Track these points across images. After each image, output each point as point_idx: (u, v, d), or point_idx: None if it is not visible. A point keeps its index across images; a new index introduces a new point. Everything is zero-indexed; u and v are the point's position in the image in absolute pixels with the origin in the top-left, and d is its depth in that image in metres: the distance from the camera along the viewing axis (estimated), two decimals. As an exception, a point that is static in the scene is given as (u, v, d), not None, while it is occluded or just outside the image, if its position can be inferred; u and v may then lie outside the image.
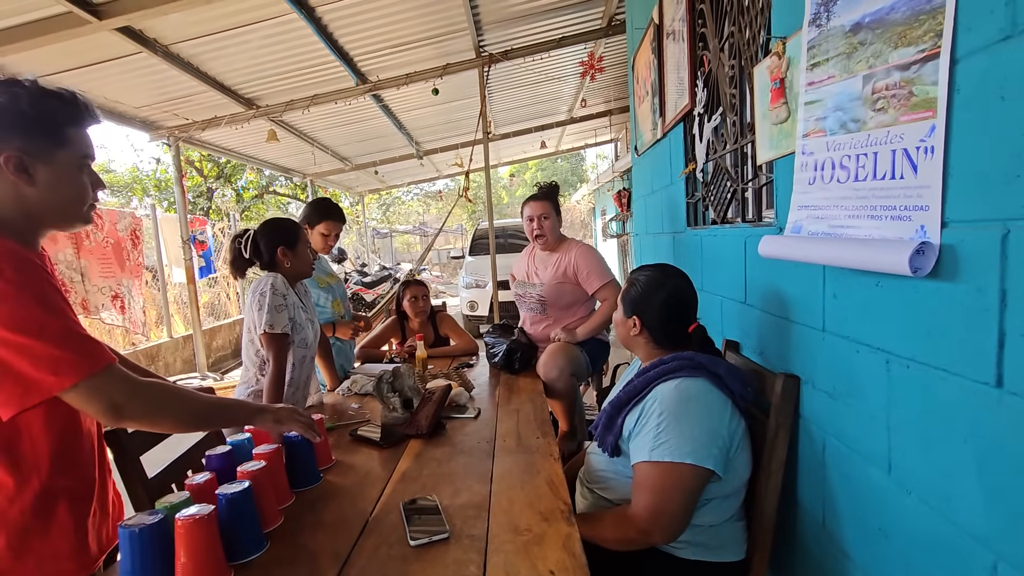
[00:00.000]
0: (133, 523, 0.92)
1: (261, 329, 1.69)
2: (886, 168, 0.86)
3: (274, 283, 1.73)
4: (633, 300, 1.34)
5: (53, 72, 3.51)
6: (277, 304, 1.70)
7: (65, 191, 0.97)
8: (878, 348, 0.93)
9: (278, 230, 1.82)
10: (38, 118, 0.92)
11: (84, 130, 0.99)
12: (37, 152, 0.92)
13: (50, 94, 0.94)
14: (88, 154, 0.99)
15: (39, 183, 0.93)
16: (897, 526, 0.91)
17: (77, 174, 0.98)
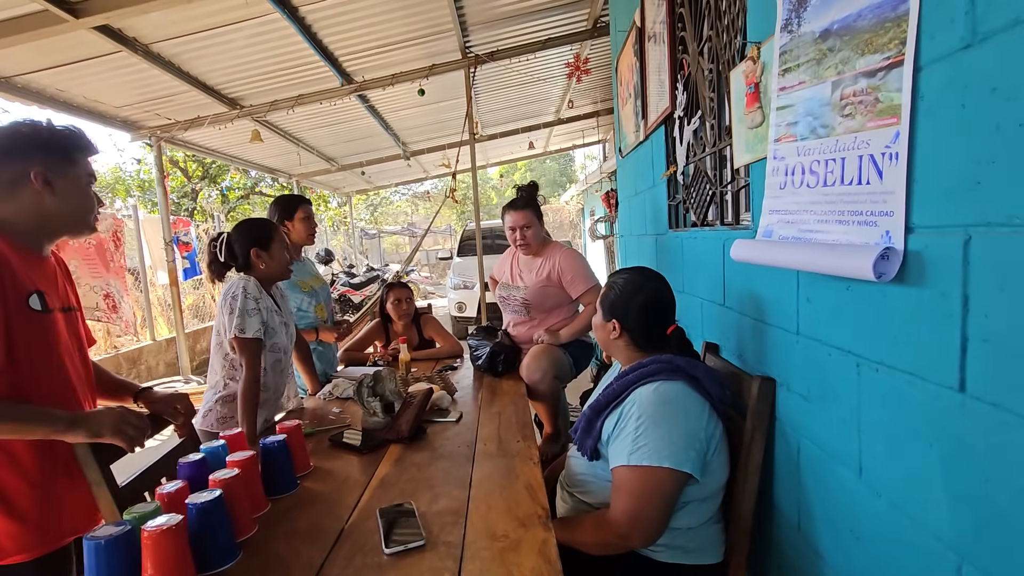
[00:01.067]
0: (99, 534, 0.90)
1: (231, 333, 1.67)
2: (853, 173, 0.87)
3: (246, 286, 1.72)
4: (612, 304, 1.34)
5: (31, 71, 3.45)
6: (249, 308, 1.69)
7: (77, 201, 1.20)
8: (849, 351, 0.94)
9: (251, 231, 1.80)
10: (55, 143, 1.17)
11: (87, 156, 1.23)
12: (56, 168, 1.16)
13: (62, 128, 1.21)
14: (92, 173, 1.25)
15: (58, 194, 1.16)
16: (868, 529, 0.92)
17: (82, 189, 1.20)
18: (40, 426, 1.07)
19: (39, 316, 1.12)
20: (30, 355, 1.09)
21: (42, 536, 1.10)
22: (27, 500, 1.09)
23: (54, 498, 1.13)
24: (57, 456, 1.13)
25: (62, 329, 1.19)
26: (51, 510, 1.12)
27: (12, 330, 1.06)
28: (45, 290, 1.15)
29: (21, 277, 1.10)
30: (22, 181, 1.12)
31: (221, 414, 1.75)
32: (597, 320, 1.39)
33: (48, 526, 1.11)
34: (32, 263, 1.16)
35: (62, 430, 1.08)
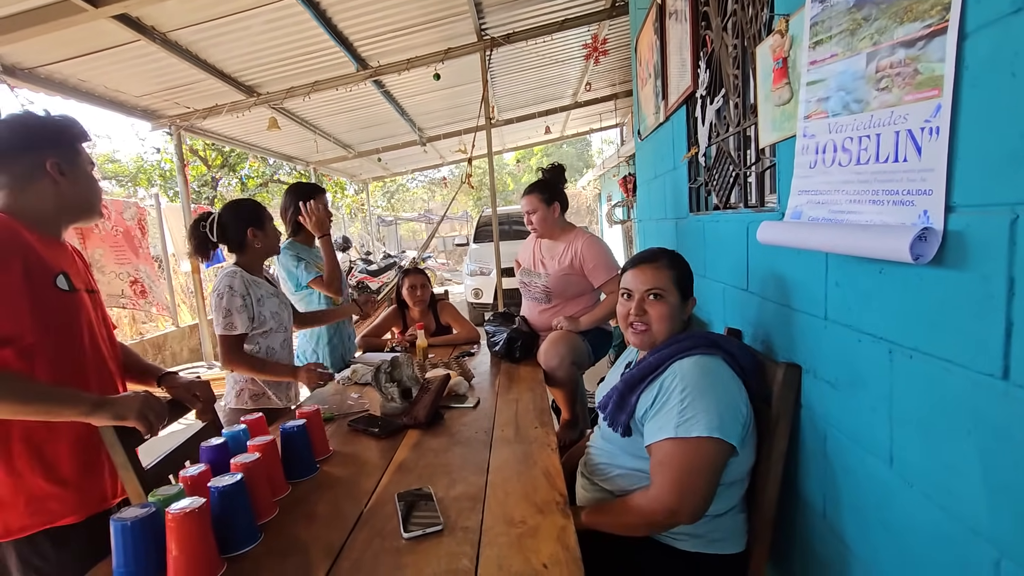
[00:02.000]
0: (125, 516, 0.92)
1: (218, 331, 1.73)
2: (889, 150, 0.83)
3: (232, 284, 1.75)
4: (685, 280, 1.32)
5: (53, 61, 3.49)
6: (236, 306, 1.74)
7: (88, 187, 1.25)
8: (881, 338, 0.90)
9: (245, 211, 1.83)
10: (62, 133, 1.22)
11: (84, 143, 1.26)
12: (66, 158, 1.20)
13: (63, 118, 1.24)
14: (91, 160, 1.28)
15: (71, 182, 1.21)
16: (898, 519, 0.89)
17: (88, 176, 1.25)
18: (67, 407, 1.10)
19: (67, 295, 1.16)
20: (61, 333, 1.14)
21: (87, 498, 1.16)
22: (68, 463, 1.14)
23: (95, 461, 1.18)
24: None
25: (89, 309, 1.23)
26: (93, 473, 1.18)
27: (40, 309, 1.09)
28: (70, 272, 1.19)
29: (46, 258, 1.13)
30: (38, 173, 1.16)
31: (254, 391, 1.85)
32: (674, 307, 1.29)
33: (92, 488, 1.18)
34: (52, 245, 1.19)
35: (87, 412, 1.10)
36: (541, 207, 2.30)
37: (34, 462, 1.11)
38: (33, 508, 1.10)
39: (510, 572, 0.88)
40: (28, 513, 1.10)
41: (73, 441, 1.15)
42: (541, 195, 2.31)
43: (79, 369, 1.18)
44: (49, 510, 1.12)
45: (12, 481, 1.09)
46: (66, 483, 1.13)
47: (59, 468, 1.13)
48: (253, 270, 1.86)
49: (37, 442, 1.11)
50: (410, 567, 0.91)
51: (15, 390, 1.03)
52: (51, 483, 1.12)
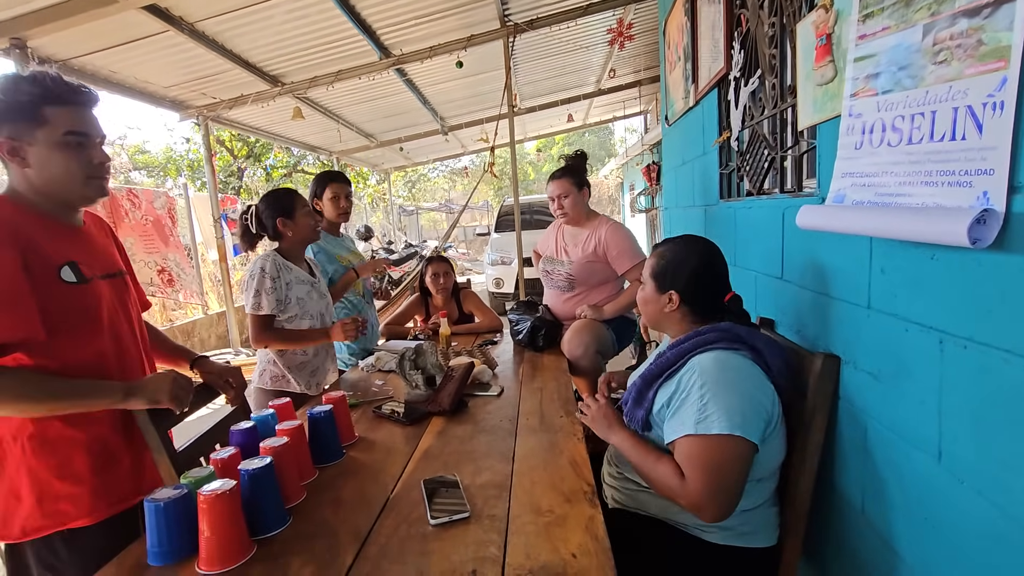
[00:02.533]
0: (159, 497, 0.93)
1: (248, 310, 1.79)
2: (945, 128, 0.78)
3: (264, 266, 1.81)
4: (665, 274, 1.28)
5: (85, 53, 3.55)
6: (266, 287, 1.79)
7: (51, 168, 1.05)
8: (930, 327, 0.86)
9: (275, 202, 1.89)
10: (13, 103, 1.01)
11: (67, 108, 1.05)
12: (20, 134, 1.02)
13: (22, 79, 1.03)
14: (74, 130, 1.05)
15: (32, 164, 1.05)
16: (946, 517, 0.85)
17: (60, 150, 1.05)
18: (100, 399, 1.10)
19: (75, 288, 1.09)
20: (71, 327, 1.08)
21: (103, 499, 1.12)
22: (84, 465, 1.11)
23: (112, 462, 1.15)
24: (112, 421, 1.16)
25: (106, 296, 1.16)
26: (110, 474, 1.14)
27: (45, 307, 1.03)
28: (80, 259, 1.11)
29: (49, 251, 1.06)
30: (1, 155, 1.04)
31: (274, 373, 1.90)
32: (648, 294, 1.33)
33: (109, 490, 1.13)
34: (61, 233, 1.11)
35: (120, 400, 1.11)
36: (573, 191, 2.27)
37: (50, 463, 1.07)
38: (49, 509, 1.07)
39: (538, 561, 0.87)
40: (44, 514, 1.07)
41: (89, 443, 1.11)
42: (573, 179, 2.28)
43: (100, 359, 1.13)
44: (64, 511, 1.08)
45: (28, 482, 1.06)
46: (82, 484, 1.10)
47: (75, 469, 1.09)
48: (290, 256, 1.91)
49: (52, 443, 1.08)
50: (437, 553, 0.91)
51: (46, 389, 1.03)
52: (67, 484, 1.09)
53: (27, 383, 1.02)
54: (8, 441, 1.06)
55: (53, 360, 1.06)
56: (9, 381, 1.00)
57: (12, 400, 1.00)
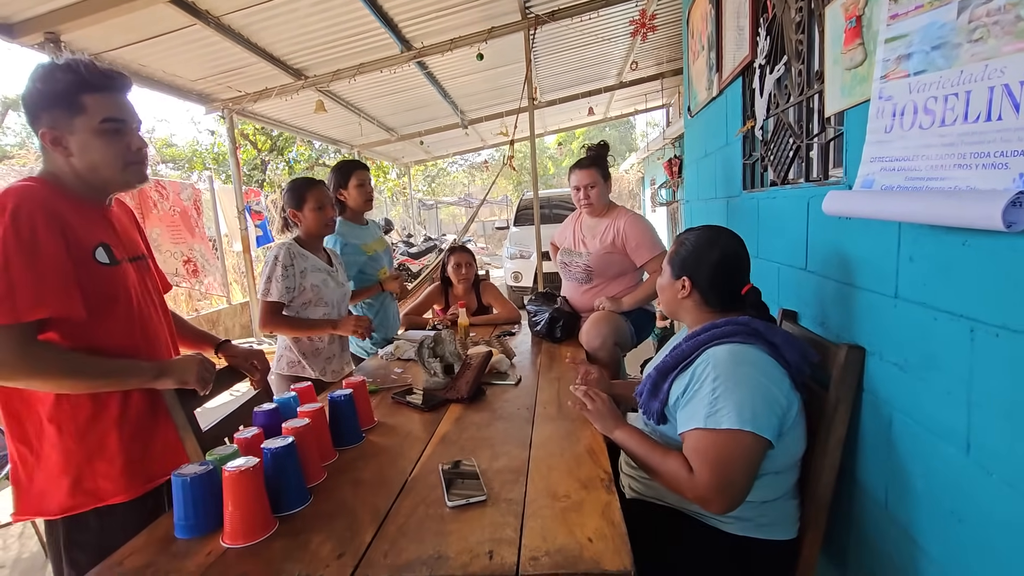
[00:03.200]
0: (186, 472, 0.96)
1: (259, 296, 1.84)
2: (980, 109, 0.75)
3: (278, 255, 1.85)
4: (683, 260, 1.26)
5: (116, 47, 3.64)
6: (277, 275, 1.83)
7: (91, 155, 1.08)
8: (961, 315, 0.83)
9: (288, 194, 1.95)
10: (51, 92, 1.04)
11: (104, 95, 1.08)
12: (60, 123, 1.06)
13: (57, 68, 1.05)
14: (111, 116, 1.08)
15: (73, 152, 1.08)
16: (974, 510, 0.83)
17: (99, 137, 1.08)
18: (132, 378, 1.14)
19: (107, 269, 1.12)
20: (103, 308, 1.10)
21: (133, 479, 1.16)
22: (115, 445, 1.14)
23: (142, 442, 1.18)
24: (145, 400, 1.19)
25: (134, 279, 1.20)
26: (140, 454, 1.18)
27: (82, 285, 1.06)
28: (110, 242, 1.15)
29: (82, 233, 1.09)
30: (45, 144, 1.07)
31: (290, 359, 1.95)
32: (664, 280, 1.32)
33: (138, 469, 1.17)
34: (92, 216, 1.14)
35: (151, 379, 1.15)
36: (600, 182, 2.26)
37: (84, 444, 1.11)
38: (85, 488, 1.11)
39: (555, 544, 0.87)
40: (80, 492, 1.11)
41: (121, 424, 1.14)
42: (600, 170, 2.27)
43: (129, 340, 1.16)
44: (100, 490, 1.12)
45: (64, 462, 1.10)
46: (115, 463, 1.13)
47: (108, 450, 1.13)
48: (307, 245, 1.94)
49: (86, 425, 1.11)
50: (455, 534, 0.91)
51: (82, 367, 1.07)
52: (102, 463, 1.12)
53: (67, 360, 1.05)
54: (44, 423, 1.10)
55: (84, 340, 1.09)
56: (52, 357, 1.04)
57: (53, 376, 1.04)
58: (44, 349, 1.03)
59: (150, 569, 0.88)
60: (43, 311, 1.00)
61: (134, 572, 0.87)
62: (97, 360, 1.09)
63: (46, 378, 1.04)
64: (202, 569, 0.87)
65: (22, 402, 1.10)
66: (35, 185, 1.06)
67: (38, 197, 1.03)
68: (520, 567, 0.82)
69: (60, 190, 1.10)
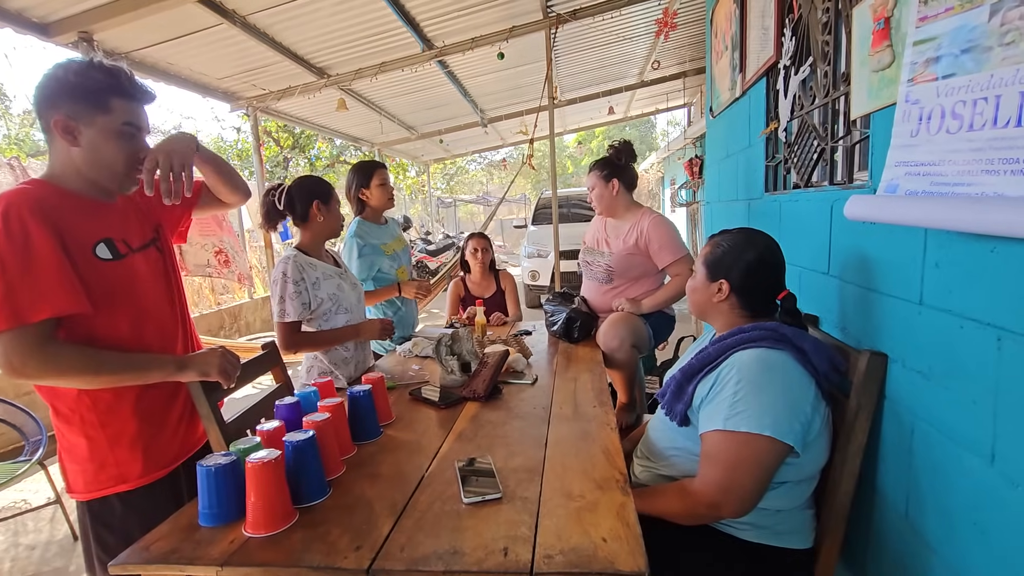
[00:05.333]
0: (210, 462, 0.99)
1: (274, 318, 1.74)
2: (1011, 113, 0.74)
3: (286, 271, 1.73)
4: (720, 263, 1.25)
5: (145, 46, 3.74)
6: (289, 292, 1.72)
7: (102, 153, 1.10)
8: (988, 323, 0.82)
9: (314, 185, 1.85)
10: (82, 86, 1.06)
11: (131, 103, 1.12)
12: (80, 116, 1.07)
13: (95, 67, 1.08)
14: (131, 121, 1.12)
15: (82, 144, 1.09)
16: (998, 522, 0.81)
17: (115, 138, 1.10)
18: (154, 371, 1.17)
19: (111, 264, 1.13)
20: (108, 303, 1.12)
21: (153, 462, 1.21)
22: (135, 430, 1.18)
23: (158, 426, 1.22)
24: (164, 392, 1.23)
25: (142, 271, 1.20)
26: (157, 438, 1.22)
27: (83, 282, 1.07)
28: (114, 236, 1.15)
29: (81, 230, 1.09)
30: (52, 132, 1.08)
31: (321, 369, 1.87)
32: (698, 282, 1.30)
33: (158, 453, 1.22)
34: (95, 211, 1.14)
35: (173, 372, 1.18)
36: (599, 184, 2.25)
37: (105, 432, 1.15)
38: (107, 473, 1.16)
39: (569, 543, 0.87)
40: (103, 476, 1.16)
41: (140, 412, 1.19)
42: (600, 171, 2.26)
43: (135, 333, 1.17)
44: (120, 474, 1.17)
45: (88, 445, 1.15)
46: (135, 449, 1.18)
47: (128, 436, 1.17)
48: (312, 251, 1.84)
49: (106, 413, 1.15)
50: (470, 530, 0.93)
51: (103, 363, 1.09)
52: (122, 450, 1.17)
53: (86, 357, 1.08)
54: (67, 413, 1.15)
55: (95, 335, 1.11)
56: (71, 355, 1.06)
57: (75, 373, 1.07)
58: (61, 348, 1.05)
59: (175, 555, 0.91)
60: (46, 311, 1.01)
61: (160, 557, 0.91)
62: (117, 355, 1.12)
63: (69, 376, 1.07)
64: (225, 556, 0.90)
65: (52, 395, 1.15)
66: (29, 188, 1.07)
67: (30, 199, 1.04)
68: (535, 565, 0.82)
69: (59, 189, 1.11)
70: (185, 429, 1.29)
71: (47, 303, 1.02)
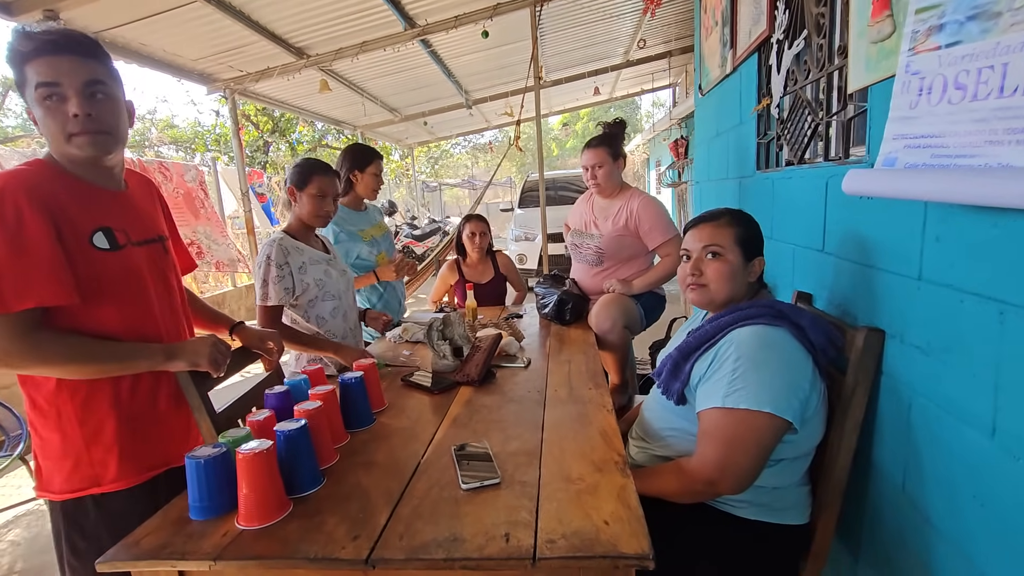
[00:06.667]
0: (199, 454, 0.96)
1: (256, 301, 1.69)
2: (1018, 81, 0.72)
3: (270, 254, 1.67)
4: (751, 240, 1.22)
5: (117, 25, 3.58)
6: (272, 276, 1.66)
7: (41, 124, 1.04)
8: (990, 297, 0.81)
9: (291, 172, 1.79)
10: (10, 60, 1.02)
11: (40, 59, 1.00)
12: (24, 97, 1.04)
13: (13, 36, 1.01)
14: (43, 81, 1.00)
15: (37, 119, 1.05)
16: (997, 494, 0.81)
17: (39, 108, 1.02)
18: (142, 360, 1.12)
19: (107, 255, 1.09)
20: (102, 294, 1.08)
21: (133, 466, 1.15)
22: (113, 432, 1.13)
23: (142, 431, 1.17)
24: (146, 389, 1.18)
25: (141, 263, 1.17)
26: (139, 442, 1.16)
27: (77, 271, 1.04)
28: (114, 225, 1.12)
29: (79, 217, 1.06)
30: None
31: (310, 357, 1.84)
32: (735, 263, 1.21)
33: (138, 457, 1.16)
34: (96, 199, 1.11)
35: (162, 362, 1.14)
36: (608, 161, 2.20)
37: (82, 431, 1.10)
38: (81, 473, 1.11)
39: (571, 527, 0.86)
40: (77, 477, 1.11)
41: (119, 413, 1.13)
42: (609, 149, 2.21)
43: (132, 326, 1.14)
44: (94, 476, 1.12)
45: (63, 446, 1.10)
46: (111, 451, 1.12)
47: (105, 437, 1.12)
48: (299, 235, 1.78)
49: (84, 412, 1.10)
50: (470, 516, 0.91)
51: (89, 352, 1.05)
52: (98, 450, 1.12)
53: (71, 346, 1.04)
54: (45, 408, 1.10)
55: (84, 326, 1.07)
56: (56, 344, 1.02)
57: (59, 362, 1.03)
58: (47, 336, 1.02)
59: (166, 549, 0.88)
60: (31, 300, 0.98)
61: (150, 553, 0.88)
62: (105, 344, 1.08)
63: (53, 365, 1.03)
64: (218, 550, 0.87)
65: (33, 386, 1.10)
66: (29, 169, 1.04)
67: (27, 182, 1.00)
68: (537, 550, 0.81)
69: (59, 171, 1.07)
70: (171, 438, 1.23)
71: (33, 293, 0.98)
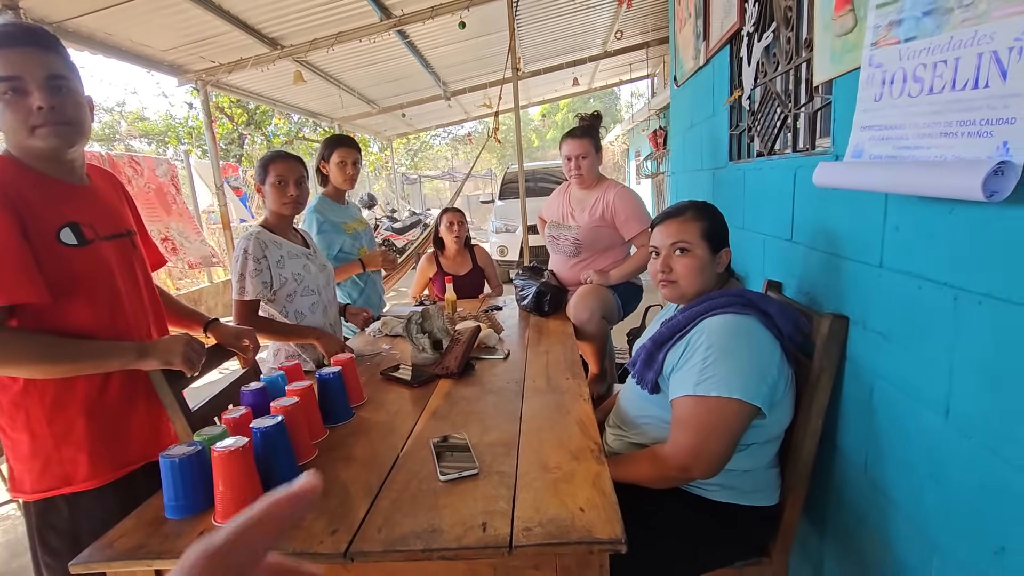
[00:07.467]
0: (174, 453, 0.95)
1: (233, 295, 1.67)
2: (968, 76, 0.75)
3: (247, 248, 1.65)
4: (716, 233, 1.25)
5: (79, 15, 3.47)
6: (249, 270, 1.64)
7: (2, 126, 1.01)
8: (945, 283, 0.85)
9: (255, 169, 1.77)
10: None
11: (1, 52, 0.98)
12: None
13: None
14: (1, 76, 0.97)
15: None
16: (951, 472, 0.85)
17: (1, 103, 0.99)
18: (113, 359, 1.10)
19: (75, 251, 1.07)
20: (71, 291, 1.06)
21: (105, 464, 1.14)
22: (84, 430, 1.11)
23: (114, 428, 1.15)
24: (118, 387, 1.16)
25: (111, 258, 1.14)
26: (112, 439, 1.14)
27: (45, 268, 1.02)
28: (81, 220, 1.09)
29: (45, 213, 1.04)
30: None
31: (288, 352, 1.82)
32: (703, 257, 1.23)
33: (110, 455, 1.14)
34: (60, 194, 1.08)
35: (134, 360, 1.12)
36: (592, 152, 2.22)
37: (51, 429, 1.09)
38: (51, 472, 1.09)
39: (547, 515, 0.88)
40: (47, 476, 1.09)
41: (90, 410, 1.11)
42: (593, 140, 2.22)
43: (101, 322, 1.11)
44: (65, 475, 1.10)
45: (33, 445, 1.08)
46: (82, 450, 1.11)
47: (75, 435, 1.10)
48: (278, 229, 1.75)
49: (53, 410, 1.08)
50: (448, 507, 0.92)
51: (58, 351, 1.03)
52: (68, 449, 1.10)
53: (41, 344, 1.02)
54: (12, 408, 1.08)
55: (54, 324, 1.05)
56: (23, 343, 1.00)
57: (28, 361, 1.01)
58: (14, 335, 1.00)
59: (142, 550, 0.88)
60: (0, 298, 0.96)
61: (126, 553, 0.87)
62: (74, 342, 1.06)
63: (22, 364, 1.01)
64: (195, 548, 0.87)
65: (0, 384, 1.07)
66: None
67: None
68: (514, 538, 0.83)
69: (21, 167, 1.04)
70: (146, 433, 1.21)
71: (3, 291, 0.96)
